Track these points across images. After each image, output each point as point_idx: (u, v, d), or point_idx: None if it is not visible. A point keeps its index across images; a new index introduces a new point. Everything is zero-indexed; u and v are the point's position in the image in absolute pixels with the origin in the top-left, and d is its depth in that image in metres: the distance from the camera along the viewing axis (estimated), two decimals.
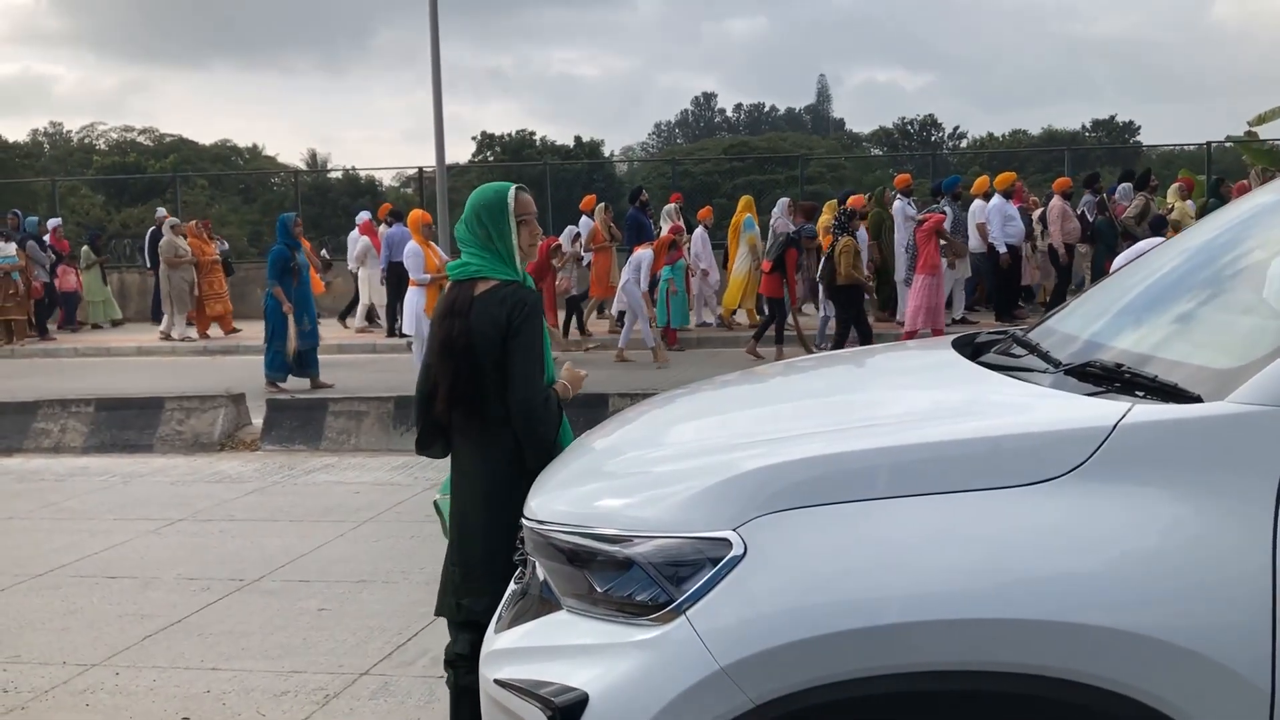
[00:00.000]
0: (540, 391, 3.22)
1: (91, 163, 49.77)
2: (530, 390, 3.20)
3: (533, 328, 3.22)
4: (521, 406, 3.20)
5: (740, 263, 15.65)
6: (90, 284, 19.19)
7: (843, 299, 12.49)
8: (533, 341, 3.21)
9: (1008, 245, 14.49)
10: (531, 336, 3.21)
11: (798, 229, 14.47)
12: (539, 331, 3.24)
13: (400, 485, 7.49)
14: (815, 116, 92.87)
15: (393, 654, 4.49)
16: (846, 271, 12.13)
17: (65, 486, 7.81)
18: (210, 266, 16.97)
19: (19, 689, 4.26)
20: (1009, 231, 14.55)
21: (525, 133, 52.85)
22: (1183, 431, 1.97)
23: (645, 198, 16.22)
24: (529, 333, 3.21)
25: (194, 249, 16.80)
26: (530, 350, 3.21)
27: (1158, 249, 3.29)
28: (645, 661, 2.03)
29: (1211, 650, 1.84)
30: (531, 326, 3.22)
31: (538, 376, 3.22)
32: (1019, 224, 14.67)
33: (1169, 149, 35.01)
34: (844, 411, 2.58)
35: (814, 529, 2.01)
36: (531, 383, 3.21)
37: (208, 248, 17.14)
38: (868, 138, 64.51)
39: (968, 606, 1.89)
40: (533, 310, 3.23)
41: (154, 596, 5.31)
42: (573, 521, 2.28)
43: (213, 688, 4.22)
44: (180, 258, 16.53)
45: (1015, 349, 2.80)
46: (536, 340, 3.22)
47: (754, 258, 15.56)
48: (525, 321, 3.21)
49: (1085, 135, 53.92)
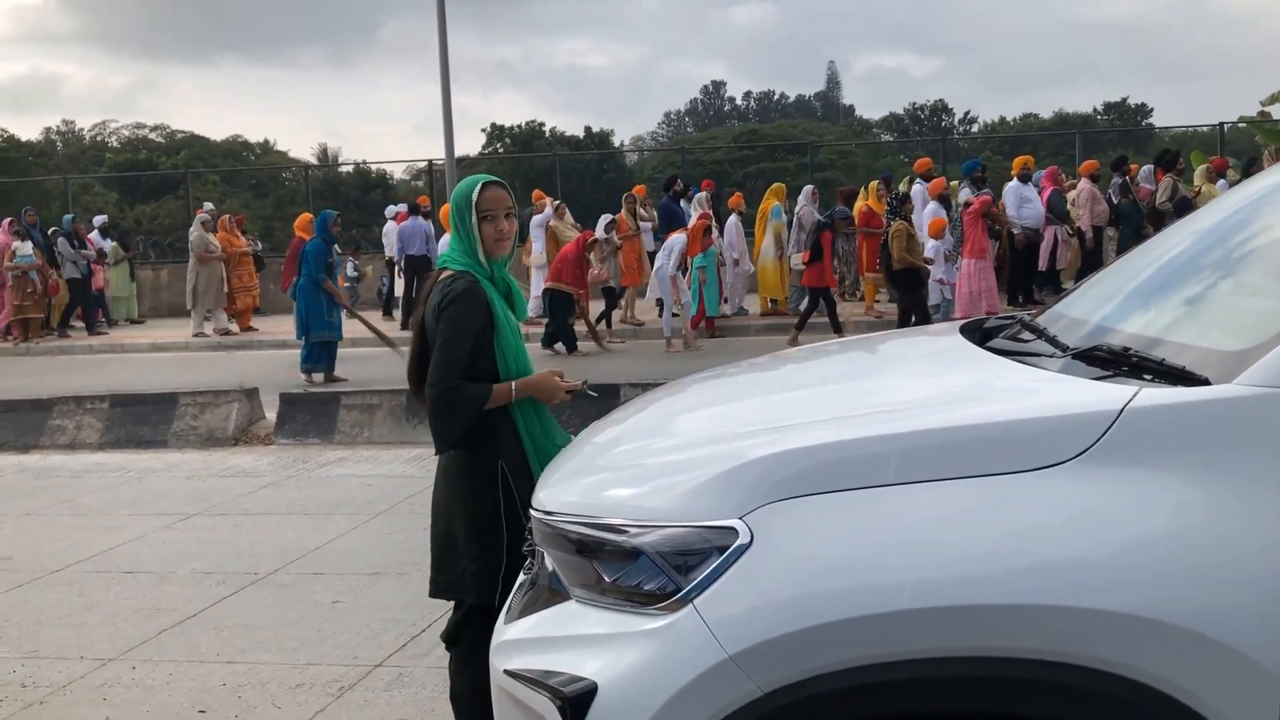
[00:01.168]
0: (444, 380, 3.24)
1: (104, 160, 49.95)
2: (436, 375, 3.26)
3: (450, 315, 3.25)
4: (427, 390, 3.29)
5: (766, 251, 15.53)
6: (117, 280, 19.27)
7: (901, 284, 12.37)
8: (450, 329, 3.24)
9: (1024, 228, 14.39)
10: (449, 324, 3.25)
11: (830, 212, 14.36)
12: (457, 320, 3.25)
13: (413, 477, 7.52)
14: (825, 103, 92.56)
15: (407, 645, 4.52)
16: (900, 256, 12.02)
17: (81, 482, 7.87)
18: (239, 260, 17.03)
19: (37, 684, 4.30)
20: (1024, 214, 14.44)
21: (535, 124, 52.78)
22: (1190, 414, 1.95)
23: (680, 186, 16.12)
24: (446, 320, 3.26)
25: (223, 243, 16.88)
26: (445, 337, 3.26)
27: (1168, 231, 3.27)
28: (654, 650, 2.03)
29: (1222, 633, 1.83)
30: (450, 314, 3.26)
31: (447, 363, 3.24)
32: (1036, 206, 14.54)
33: (1181, 130, 34.79)
34: (851, 398, 2.57)
35: (820, 516, 2.01)
36: (438, 368, 3.26)
37: (237, 242, 17.21)
38: (878, 124, 64.29)
39: (977, 592, 1.89)
40: (455, 298, 3.26)
41: (170, 591, 5.34)
42: (580, 512, 2.29)
43: (229, 681, 4.25)
44: (210, 253, 16.61)
45: (1023, 334, 2.79)
46: (454, 329, 3.24)
47: (779, 247, 15.47)
48: (446, 308, 3.27)
49: (1097, 118, 53.58)
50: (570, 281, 13.23)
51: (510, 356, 3.33)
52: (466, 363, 3.26)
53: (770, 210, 15.70)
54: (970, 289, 12.65)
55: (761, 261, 15.71)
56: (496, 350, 3.30)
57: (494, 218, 3.33)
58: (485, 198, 3.34)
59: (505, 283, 3.41)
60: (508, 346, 3.32)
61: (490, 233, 3.33)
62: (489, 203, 3.34)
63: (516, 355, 3.35)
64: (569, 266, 13.29)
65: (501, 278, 3.40)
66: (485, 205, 3.33)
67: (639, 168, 43.75)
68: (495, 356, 3.30)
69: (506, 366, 3.32)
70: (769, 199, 15.97)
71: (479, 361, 3.29)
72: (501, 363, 3.32)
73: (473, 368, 3.28)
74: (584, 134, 49.49)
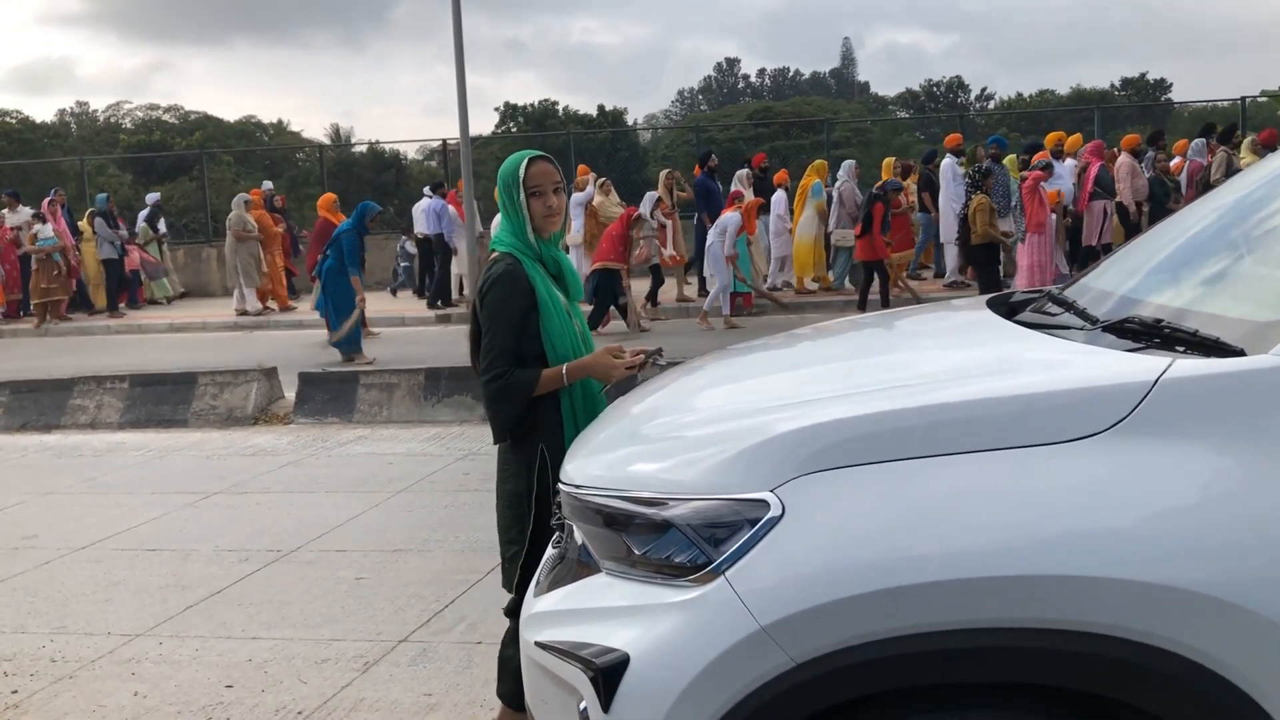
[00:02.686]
0: (491, 369, 3.20)
1: (118, 141, 50.03)
2: (484, 366, 3.23)
3: (491, 302, 3.22)
4: (480, 378, 3.26)
5: (805, 228, 15.42)
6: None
7: (978, 258, 12.32)
8: (491, 316, 3.21)
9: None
10: (490, 311, 3.22)
11: (882, 184, 14.26)
12: (498, 306, 3.20)
13: (433, 456, 7.55)
14: (840, 80, 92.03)
15: (430, 621, 4.54)
16: (983, 229, 11.98)
17: (103, 462, 7.92)
18: (275, 240, 17.07)
19: (66, 659, 4.34)
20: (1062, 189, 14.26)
21: (548, 103, 52.64)
22: (1226, 385, 1.94)
23: (715, 163, 15.99)
24: (488, 307, 3.23)
25: (261, 222, 16.92)
26: (488, 325, 3.23)
27: (1193, 204, 3.24)
28: (685, 622, 2.04)
29: (1258, 605, 1.82)
30: (490, 300, 3.22)
31: (493, 353, 3.20)
32: (1067, 182, 14.44)
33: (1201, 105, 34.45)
34: (879, 372, 2.56)
35: (851, 489, 2.01)
36: (485, 358, 3.23)
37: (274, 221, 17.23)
38: (893, 101, 63.89)
39: (1007, 564, 1.89)
40: (494, 282, 3.22)
41: (194, 568, 5.39)
42: (609, 485, 2.29)
43: (254, 656, 4.28)
44: (247, 233, 16.65)
45: (1051, 307, 2.78)
46: (495, 315, 3.20)
47: (820, 224, 15.36)
48: (486, 293, 3.24)
49: (1115, 94, 53.10)
50: (615, 259, 13.19)
51: (557, 338, 3.24)
52: (514, 348, 3.20)
53: (811, 187, 15.54)
54: (1029, 261, 12.68)
55: (799, 239, 15.59)
56: (542, 332, 3.22)
57: (542, 193, 3.25)
58: (533, 173, 3.26)
59: (556, 262, 3.33)
60: (553, 328, 3.23)
61: (539, 209, 3.25)
62: (536, 178, 3.26)
63: (565, 336, 3.26)
64: (614, 243, 13.23)
65: (552, 257, 3.32)
66: (533, 181, 3.25)
67: (653, 146, 43.62)
68: (541, 339, 3.23)
69: (554, 349, 3.24)
70: (809, 175, 15.83)
71: (528, 345, 3.22)
72: (548, 345, 3.23)
73: (522, 351, 3.22)
74: (597, 113, 49.34)
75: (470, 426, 8.42)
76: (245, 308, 16.75)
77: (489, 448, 7.62)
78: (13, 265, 17.78)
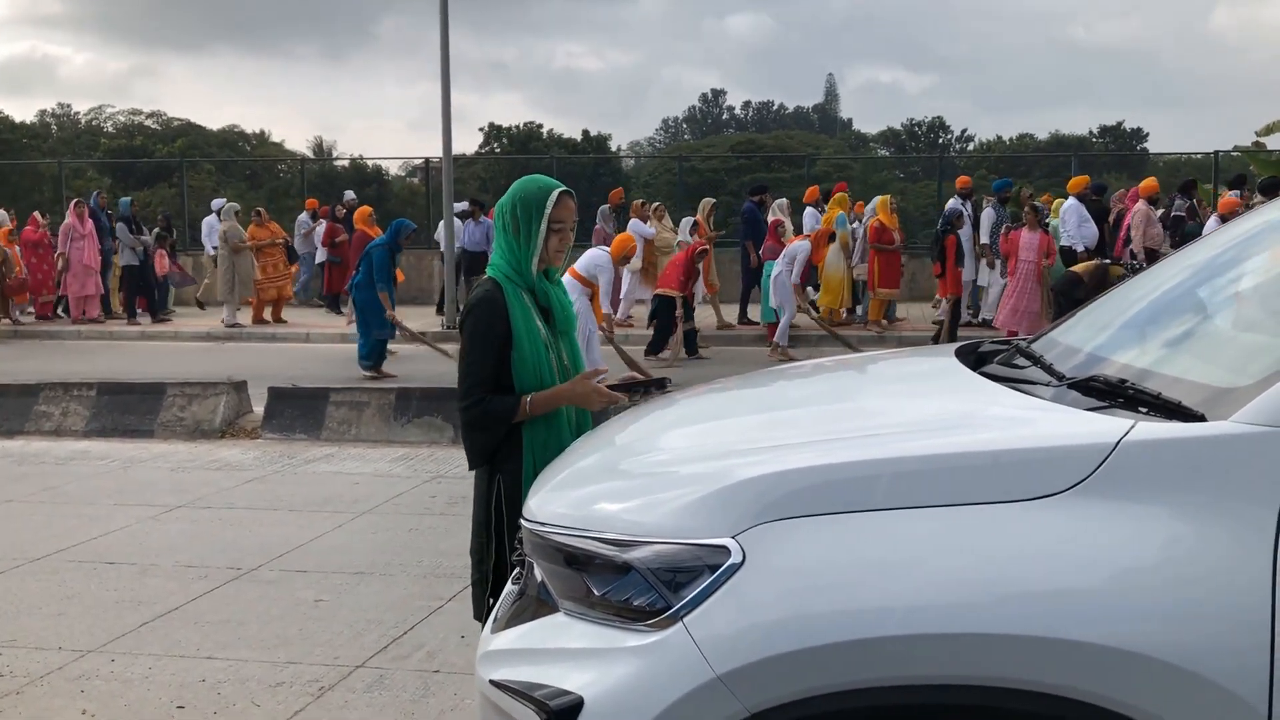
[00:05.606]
0: (468, 395, 3.18)
1: (99, 145, 49.74)
2: (460, 392, 3.22)
3: (469, 327, 3.19)
4: (459, 401, 3.23)
5: (834, 260, 15.32)
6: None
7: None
8: (470, 339, 3.19)
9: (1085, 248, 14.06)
10: (468, 337, 3.19)
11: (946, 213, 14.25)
12: (476, 332, 3.18)
13: (399, 477, 7.50)
14: (823, 116, 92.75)
15: (388, 647, 4.50)
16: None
17: (65, 470, 7.82)
18: (267, 251, 16.98)
19: (14, 673, 4.27)
20: (1085, 233, 14.20)
21: (533, 125, 52.76)
22: (1186, 451, 1.96)
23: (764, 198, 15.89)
24: (466, 333, 3.20)
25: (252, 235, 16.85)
26: (468, 347, 3.20)
27: (1164, 263, 3.29)
28: (641, 667, 2.03)
29: (1209, 670, 1.83)
30: (469, 326, 3.19)
31: (470, 379, 3.18)
32: (1093, 226, 14.36)
33: (1175, 156, 34.95)
34: (846, 420, 2.57)
35: (812, 538, 2.01)
36: (461, 384, 3.21)
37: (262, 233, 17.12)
38: (875, 138, 64.40)
39: (966, 620, 1.89)
40: (473, 307, 3.20)
41: (152, 583, 5.31)
42: (570, 524, 2.28)
43: (208, 677, 4.22)
44: (241, 244, 16.55)
45: (1018, 360, 2.80)
46: (472, 341, 3.18)
47: (846, 256, 15.33)
48: (465, 319, 3.22)
49: (1093, 141, 53.79)
50: (676, 286, 13.18)
51: (523, 371, 3.21)
52: (492, 375, 3.17)
53: (835, 219, 15.41)
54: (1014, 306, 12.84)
55: (830, 271, 15.54)
56: (512, 363, 3.20)
57: (562, 231, 3.23)
58: (559, 209, 3.21)
59: (545, 294, 3.29)
60: (523, 360, 3.20)
61: (555, 244, 3.23)
62: (562, 215, 3.22)
63: (533, 369, 3.22)
64: (677, 271, 13.22)
65: (543, 290, 3.28)
66: (558, 217, 3.22)
67: (635, 173, 43.76)
68: (512, 369, 3.20)
69: (520, 381, 3.21)
70: (833, 208, 15.70)
71: (505, 374, 3.20)
72: (516, 376, 3.21)
73: (500, 380, 3.19)
74: (581, 137, 49.50)
75: (439, 448, 8.37)
76: (236, 320, 16.55)
77: (456, 471, 7.61)
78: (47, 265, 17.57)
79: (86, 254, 17.18)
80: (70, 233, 17.08)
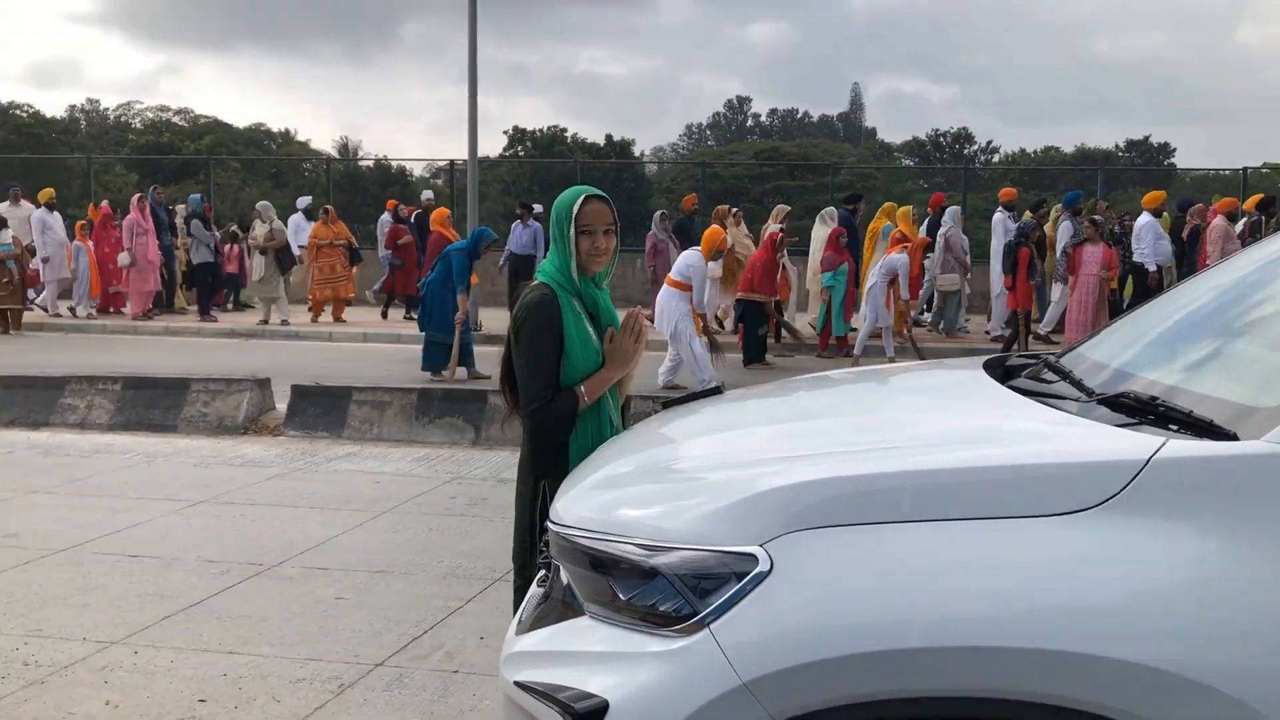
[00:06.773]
0: (535, 399, 3.28)
1: (127, 141, 50.14)
2: (526, 392, 3.31)
3: (528, 330, 3.28)
4: (523, 409, 3.33)
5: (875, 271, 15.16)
6: None
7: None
8: (529, 344, 3.29)
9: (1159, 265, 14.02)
10: (528, 340, 3.29)
11: (1021, 225, 14.03)
12: (535, 335, 3.28)
13: (420, 477, 7.53)
14: (848, 124, 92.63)
15: (408, 646, 4.52)
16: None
17: (89, 463, 7.89)
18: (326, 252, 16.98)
19: (39, 663, 4.31)
20: (1160, 250, 14.08)
21: (557, 129, 52.88)
22: (1216, 470, 1.96)
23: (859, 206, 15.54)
24: (524, 335, 3.30)
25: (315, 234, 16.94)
26: (525, 353, 3.30)
27: (1193, 280, 3.27)
28: (667, 672, 2.04)
29: (1236, 689, 1.83)
30: (527, 329, 3.29)
31: (535, 382, 3.28)
32: (1168, 244, 14.25)
33: (1203, 172, 34.73)
34: (873, 431, 2.57)
35: (840, 549, 2.01)
36: (527, 386, 3.30)
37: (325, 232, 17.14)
38: (899, 148, 64.27)
39: (993, 634, 1.89)
40: (528, 312, 3.29)
41: (174, 577, 5.36)
42: (597, 528, 2.29)
43: (229, 671, 4.25)
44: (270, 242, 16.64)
45: (1046, 374, 2.79)
46: (532, 343, 3.28)
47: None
48: (522, 323, 3.31)
49: (1119, 155, 53.49)
50: (761, 289, 13.01)
51: (577, 375, 3.33)
52: (556, 374, 3.29)
53: (881, 230, 15.18)
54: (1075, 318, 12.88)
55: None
56: (563, 366, 3.31)
57: (592, 232, 3.33)
58: (586, 211, 3.34)
59: (594, 300, 3.40)
60: (574, 363, 3.32)
61: (586, 246, 3.33)
62: (589, 216, 3.34)
63: (585, 373, 3.34)
64: (759, 273, 13.05)
65: (590, 295, 3.39)
66: (585, 219, 3.34)
67: (658, 179, 43.80)
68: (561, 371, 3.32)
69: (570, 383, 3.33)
70: (880, 218, 15.47)
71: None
72: (565, 380, 3.32)
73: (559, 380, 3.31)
74: (605, 142, 49.59)
75: (460, 449, 8.40)
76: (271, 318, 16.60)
77: (476, 472, 7.65)
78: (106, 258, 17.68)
79: (150, 249, 17.30)
80: (134, 228, 17.16)
